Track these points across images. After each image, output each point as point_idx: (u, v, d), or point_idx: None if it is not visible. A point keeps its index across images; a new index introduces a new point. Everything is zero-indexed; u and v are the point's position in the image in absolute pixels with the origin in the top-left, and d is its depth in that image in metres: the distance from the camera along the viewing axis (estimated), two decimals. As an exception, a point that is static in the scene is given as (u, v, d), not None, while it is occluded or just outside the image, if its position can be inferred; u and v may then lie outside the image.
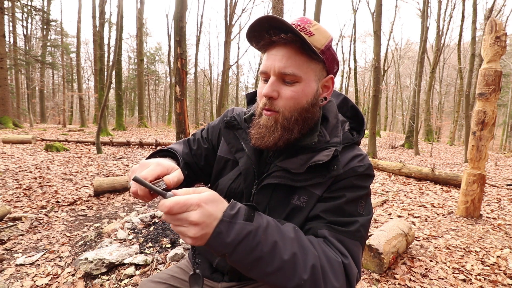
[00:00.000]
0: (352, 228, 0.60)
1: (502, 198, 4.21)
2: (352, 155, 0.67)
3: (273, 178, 0.67)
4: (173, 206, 0.44)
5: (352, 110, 0.79)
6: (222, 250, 0.47)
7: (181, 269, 0.87)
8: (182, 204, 0.44)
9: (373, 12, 12.83)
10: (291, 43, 0.60)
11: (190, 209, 0.45)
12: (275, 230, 0.51)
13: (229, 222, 0.47)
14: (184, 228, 0.45)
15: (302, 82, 0.62)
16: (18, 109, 17.01)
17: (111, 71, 7.64)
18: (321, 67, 0.65)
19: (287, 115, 0.63)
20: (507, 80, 21.43)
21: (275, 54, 0.61)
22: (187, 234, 0.45)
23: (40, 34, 21.93)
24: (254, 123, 0.70)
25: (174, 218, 0.45)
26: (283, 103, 0.63)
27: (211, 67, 30.32)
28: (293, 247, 0.51)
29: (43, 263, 1.92)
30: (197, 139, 0.87)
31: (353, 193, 0.63)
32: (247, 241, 0.47)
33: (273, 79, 0.62)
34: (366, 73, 32.00)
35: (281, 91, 0.62)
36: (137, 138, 10.65)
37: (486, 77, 3.06)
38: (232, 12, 15.16)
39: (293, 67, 0.60)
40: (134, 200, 3.45)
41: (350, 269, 0.56)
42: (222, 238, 0.46)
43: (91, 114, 28.17)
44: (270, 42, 0.62)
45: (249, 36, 0.63)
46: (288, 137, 0.64)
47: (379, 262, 1.88)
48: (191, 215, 0.44)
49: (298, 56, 0.60)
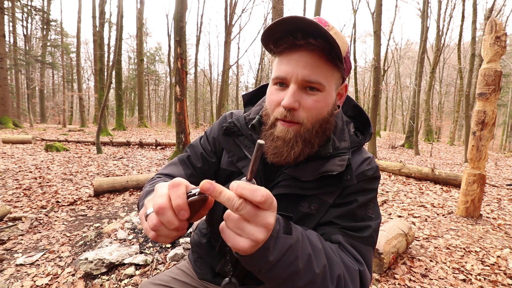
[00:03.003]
0: (365, 234, 0.59)
1: (502, 198, 4.21)
2: (361, 160, 0.66)
3: (282, 188, 0.63)
4: (268, 199, 0.37)
5: (355, 109, 0.76)
6: (261, 266, 0.42)
7: (182, 271, 0.87)
8: (272, 200, 0.38)
9: (373, 12, 12.82)
10: (318, 49, 0.54)
11: (272, 207, 0.39)
12: (307, 241, 0.48)
13: (275, 237, 0.42)
14: (253, 228, 0.38)
15: (324, 92, 0.57)
16: (18, 109, 17.01)
17: (111, 71, 7.64)
18: (340, 75, 0.61)
19: (309, 127, 0.58)
20: (507, 80, 21.42)
21: (297, 60, 0.55)
22: (253, 236, 0.38)
23: (40, 34, 21.93)
24: (265, 135, 0.62)
25: (253, 212, 0.37)
26: (306, 114, 0.57)
27: (211, 67, 30.32)
28: (323, 258, 0.48)
29: (43, 263, 1.92)
30: (200, 154, 0.77)
31: (364, 196, 0.62)
32: (286, 257, 0.43)
33: (294, 87, 0.56)
34: (366, 73, 31.99)
35: (302, 100, 0.57)
36: (137, 138, 10.65)
37: (486, 77, 3.06)
38: (232, 12, 15.15)
39: (319, 75, 0.55)
40: (134, 200, 3.45)
41: (365, 276, 0.56)
42: (267, 255, 0.41)
43: (91, 114, 28.17)
44: (293, 46, 0.55)
45: (267, 37, 0.56)
46: (309, 151, 0.60)
47: (379, 262, 1.88)
48: (268, 216, 0.38)
49: (324, 64, 0.56)
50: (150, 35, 30.97)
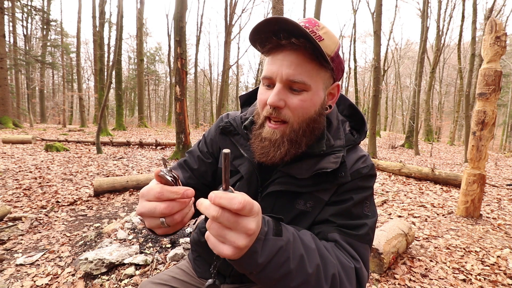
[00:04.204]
0: (361, 232, 0.60)
1: (502, 198, 4.21)
2: (356, 157, 0.66)
3: (278, 185, 0.64)
4: (246, 206, 0.38)
5: (350, 109, 0.77)
6: (251, 269, 0.43)
7: (182, 270, 0.87)
8: (251, 206, 0.39)
9: (373, 12, 12.83)
10: (302, 48, 0.55)
11: (253, 213, 0.40)
12: (300, 242, 0.49)
13: (263, 240, 0.43)
14: (235, 235, 0.39)
15: (310, 91, 0.58)
16: (18, 109, 17.02)
17: (111, 71, 7.65)
18: (329, 75, 0.61)
19: (295, 127, 0.59)
20: (507, 80, 21.43)
21: (282, 59, 0.56)
22: (235, 243, 0.39)
23: (40, 34, 21.93)
24: (254, 134, 0.65)
25: (232, 220, 0.38)
26: (292, 113, 0.58)
27: (211, 67, 30.33)
28: (316, 258, 0.49)
29: (43, 263, 1.92)
30: (196, 157, 0.79)
31: (359, 194, 0.63)
32: (277, 258, 0.44)
33: (279, 86, 0.57)
34: (366, 73, 32.00)
35: (287, 99, 0.58)
36: (137, 138, 10.64)
37: (486, 77, 3.06)
38: (232, 12, 15.15)
39: (303, 75, 0.56)
40: (134, 200, 3.45)
41: (361, 273, 0.56)
42: (255, 258, 0.42)
43: (91, 114, 28.17)
44: (277, 46, 0.57)
45: (253, 37, 0.57)
46: (295, 151, 0.61)
47: (379, 262, 1.88)
48: (250, 222, 0.39)
49: (308, 63, 0.56)
50: (150, 35, 30.99)
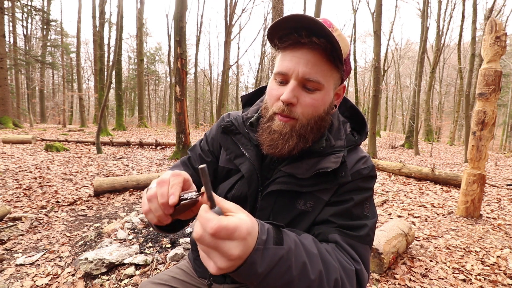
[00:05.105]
0: (362, 233, 0.60)
1: (502, 198, 4.21)
2: (356, 158, 0.67)
3: (279, 185, 0.64)
4: (220, 231, 0.36)
5: (351, 110, 0.78)
6: (251, 279, 0.42)
7: (182, 270, 0.87)
8: (231, 231, 0.37)
9: (373, 12, 12.83)
10: (320, 48, 0.56)
11: (234, 238, 0.38)
12: (302, 248, 0.48)
13: (262, 250, 0.41)
14: (217, 256, 0.38)
15: (323, 91, 0.59)
16: (18, 109, 17.01)
17: (111, 71, 7.64)
18: (339, 76, 0.63)
19: (305, 123, 0.60)
20: (507, 80, 21.42)
21: (299, 57, 0.57)
22: (217, 264, 0.38)
23: (40, 34, 21.93)
24: (262, 127, 0.65)
25: (212, 242, 0.37)
26: (302, 110, 0.59)
27: (211, 67, 30.34)
28: (318, 264, 0.48)
29: (43, 263, 1.92)
30: (198, 155, 0.80)
31: (360, 195, 0.63)
32: (278, 267, 0.43)
33: (294, 83, 0.58)
34: (366, 73, 31.99)
35: (300, 97, 0.59)
36: (137, 138, 10.65)
37: (486, 77, 3.06)
38: (232, 12, 15.15)
39: (318, 74, 0.57)
40: (134, 200, 3.45)
41: (362, 275, 0.56)
42: (254, 269, 0.40)
43: (91, 114, 28.17)
44: (296, 43, 0.57)
45: (272, 31, 0.57)
46: (303, 145, 0.62)
47: (379, 262, 1.88)
48: (232, 247, 0.37)
49: (324, 63, 0.57)
50: (150, 35, 30.98)
